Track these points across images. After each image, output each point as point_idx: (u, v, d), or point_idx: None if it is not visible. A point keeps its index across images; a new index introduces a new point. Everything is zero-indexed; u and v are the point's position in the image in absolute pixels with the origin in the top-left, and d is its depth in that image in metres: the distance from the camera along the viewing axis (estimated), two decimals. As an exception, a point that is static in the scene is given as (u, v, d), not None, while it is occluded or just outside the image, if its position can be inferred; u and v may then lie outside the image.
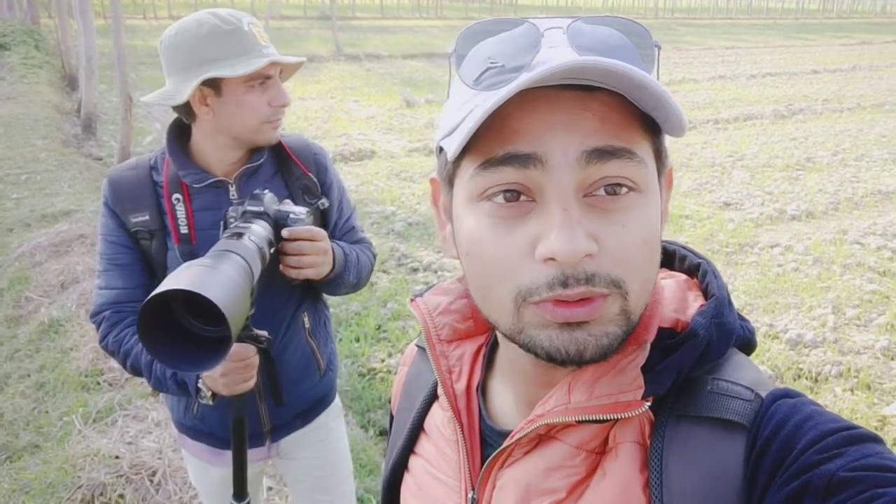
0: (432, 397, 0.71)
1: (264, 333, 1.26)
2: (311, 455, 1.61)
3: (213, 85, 1.30)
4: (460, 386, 0.65)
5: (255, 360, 1.27)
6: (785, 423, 0.48)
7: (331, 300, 1.62)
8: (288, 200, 1.34)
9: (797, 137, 8.95)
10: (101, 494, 2.33)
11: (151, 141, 7.95)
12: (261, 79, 1.32)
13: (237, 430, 1.32)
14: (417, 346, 0.78)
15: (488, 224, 0.50)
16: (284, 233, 1.25)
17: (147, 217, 1.36)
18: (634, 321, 0.51)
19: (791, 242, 5.27)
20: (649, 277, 0.51)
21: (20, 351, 3.51)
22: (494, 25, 0.52)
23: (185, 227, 1.35)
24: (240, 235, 1.13)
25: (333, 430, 1.64)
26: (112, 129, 8.62)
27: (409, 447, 0.71)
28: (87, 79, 7.97)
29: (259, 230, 1.19)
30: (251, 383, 1.28)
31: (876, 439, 0.47)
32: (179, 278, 0.88)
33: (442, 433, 0.66)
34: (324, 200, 1.41)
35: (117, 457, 2.49)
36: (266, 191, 1.29)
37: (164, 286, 0.87)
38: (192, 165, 1.37)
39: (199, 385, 1.30)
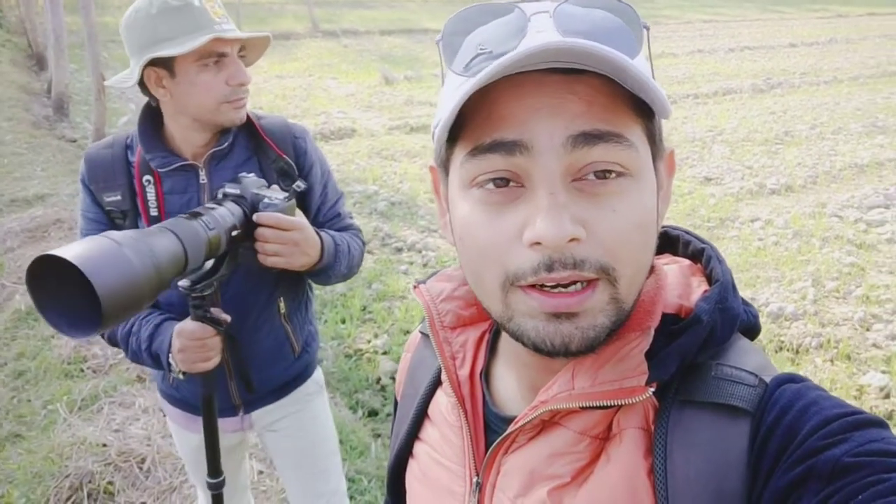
0: (436, 383, 0.71)
1: (224, 317, 1.27)
2: (289, 426, 1.62)
3: (167, 65, 1.27)
4: (464, 372, 0.65)
5: (214, 341, 1.27)
6: (789, 409, 0.48)
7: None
8: (275, 186, 1.31)
9: (776, 111, 9.02)
10: (90, 482, 2.31)
11: (126, 122, 7.77)
12: (213, 57, 1.28)
13: (206, 408, 1.33)
14: (421, 332, 0.78)
15: (479, 210, 0.50)
16: (254, 217, 1.23)
17: (119, 197, 1.36)
18: (626, 309, 0.51)
19: (771, 216, 5.34)
20: (642, 263, 0.51)
21: (-3, 339, 3.44)
22: (482, 10, 0.52)
23: (156, 210, 1.35)
24: (196, 215, 1.11)
25: (310, 403, 1.64)
26: (85, 109, 8.41)
27: (413, 433, 0.71)
28: (56, 58, 7.75)
29: (224, 212, 1.16)
30: (210, 364, 1.29)
31: (881, 424, 0.47)
32: (64, 247, 0.88)
33: (446, 419, 0.66)
34: (299, 183, 1.33)
35: (105, 444, 2.47)
36: (251, 174, 1.27)
37: (52, 251, 0.86)
38: (159, 148, 1.35)
39: (170, 360, 1.31)
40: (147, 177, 1.34)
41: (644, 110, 0.50)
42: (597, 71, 0.47)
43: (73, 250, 0.84)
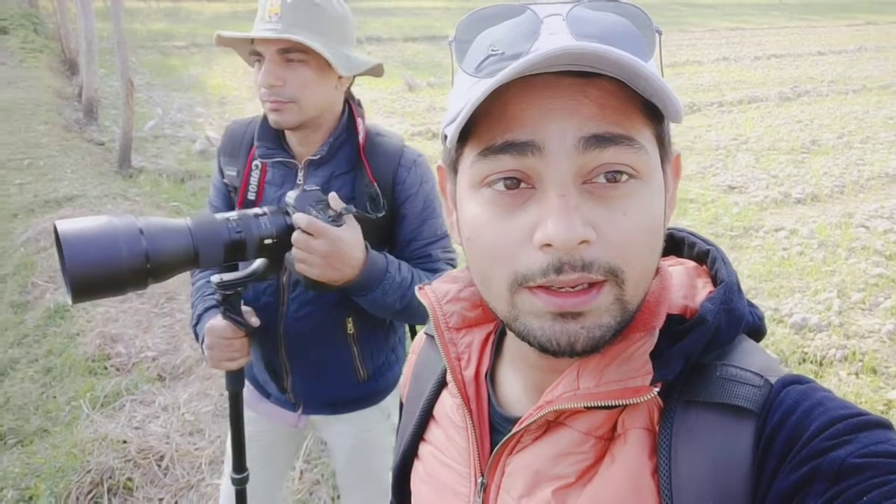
0: (441, 384, 0.71)
1: (254, 321, 1.29)
2: (344, 444, 1.59)
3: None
4: (469, 373, 0.66)
5: (240, 342, 1.28)
6: (794, 409, 0.48)
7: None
8: (334, 196, 1.22)
9: (802, 120, 8.89)
10: (110, 478, 2.35)
11: (153, 125, 7.92)
12: (255, 56, 1.29)
13: (232, 404, 1.34)
14: (426, 334, 0.79)
15: (488, 211, 0.51)
16: (293, 218, 1.20)
17: (234, 173, 1.41)
18: (631, 310, 0.51)
19: (796, 226, 5.25)
20: (649, 266, 0.51)
21: (28, 336, 3.52)
22: (495, 13, 0.52)
23: (253, 195, 1.37)
24: (227, 219, 1.13)
25: (370, 431, 1.57)
26: (114, 113, 8.59)
27: (418, 434, 0.72)
28: (87, 63, 7.92)
29: (264, 220, 1.16)
30: (236, 364, 1.29)
31: (886, 426, 0.47)
32: (74, 219, 0.98)
33: (451, 420, 0.67)
34: (350, 206, 1.22)
35: (125, 441, 2.51)
36: (315, 186, 1.23)
37: (59, 221, 0.96)
38: (270, 139, 1.36)
39: (203, 347, 1.33)
40: (257, 162, 1.38)
41: (654, 114, 0.51)
42: (610, 74, 0.47)
43: (69, 224, 0.94)
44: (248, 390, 1.55)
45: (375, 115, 9.29)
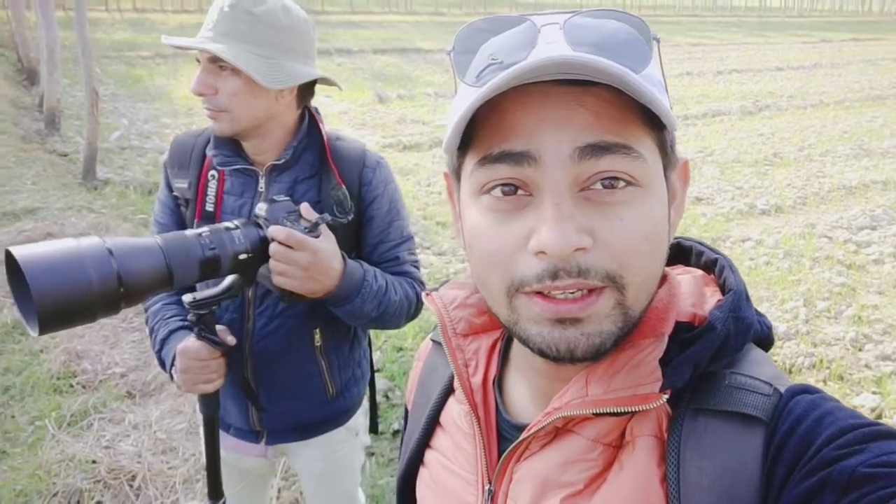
0: (448, 391, 0.71)
1: (230, 339, 1.23)
2: (312, 470, 1.56)
3: None
4: (476, 379, 0.65)
5: (216, 363, 1.23)
6: (804, 418, 0.48)
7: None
8: (306, 207, 1.22)
9: (764, 133, 9.14)
10: (79, 501, 2.27)
11: (118, 137, 7.75)
12: (199, 63, 1.28)
13: (207, 428, 1.29)
14: (433, 340, 0.78)
15: (487, 217, 0.51)
16: (269, 230, 1.18)
17: (186, 185, 1.36)
18: (633, 316, 0.51)
19: (762, 236, 5.38)
20: (651, 272, 0.51)
21: (-19, 354, 3.38)
22: (494, 23, 0.53)
23: (212, 206, 1.34)
24: (200, 233, 1.09)
25: (338, 453, 1.55)
26: (77, 124, 8.37)
27: (424, 441, 0.71)
28: (49, 72, 7.71)
29: (237, 234, 1.12)
30: (211, 386, 1.24)
31: None
32: (32, 244, 0.89)
33: (458, 427, 0.66)
34: (325, 215, 1.22)
35: (94, 461, 2.43)
36: (286, 197, 1.22)
37: (14, 247, 0.87)
38: (227, 147, 1.33)
39: (172, 373, 1.28)
40: (213, 172, 1.34)
41: (654, 122, 0.51)
42: (606, 82, 0.47)
43: (29, 249, 0.85)
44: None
45: (345, 127, 9.24)
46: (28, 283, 0.82)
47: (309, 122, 1.38)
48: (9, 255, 0.85)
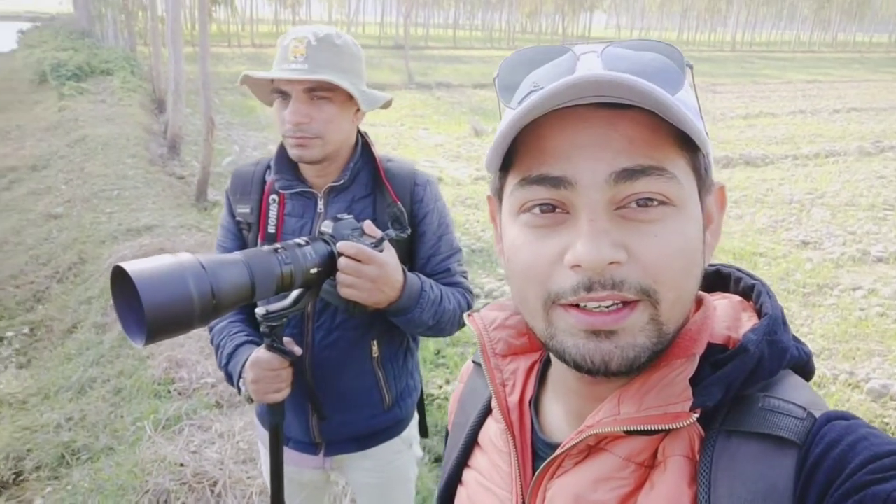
0: (486, 412, 0.72)
1: (296, 349, 1.29)
2: (368, 482, 1.60)
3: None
4: (513, 399, 0.67)
5: (285, 372, 1.29)
6: (838, 442, 0.47)
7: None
8: (370, 224, 1.30)
9: (885, 175, 8.50)
10: (166, 500, 2.41)
11: (230, 162, 8.34)
12: (279, 94, 1.35)
13: (273, 439, 1.34)
14: (474, 362, 0.80)
15: (526, 233, 0.53)
16: (338, 246, 1.25)
17: (248, 210, 1.45)
18: (668, 333, 0.51)
19: (876, 286, 4.98)
20: (686, 289, 0.52)
21: (103, 357, 3.71)
22: (537, 53, 0.56)
23: (273, 227, 1.42)
24: (276, 250, 1.15)
25: (393, 463, 1.59)
26: (195, 149, 9.11)
27: (463, 461, 0.73)
28: (174, 102, 8.48)
29: (308, 250, 1.19)
30: (280, 395, 1.30)
31: None
32: (137, 260, 0.95)
33: (495, 445, 0.67)
34: (390, 231, 1.32)
35: (182, 465, 2.58)
36: (349, 215, 1.29)
37: (124, 263, 0.93)
38: (288, 171, 1.43)
39: (240, 384, 1.34)
40: (274, 196, 1.43)
41: (689, 144, 0.52)
42: (638, 105, 0.49)
43: (137, 264, 0.92)
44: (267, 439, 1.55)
45: (440, 159, 9.47)
46: (140, 296, 0.89)
47: (362, 144, 1.49)
48: (118, 271, 0.92)
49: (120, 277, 0.92)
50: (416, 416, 1.64)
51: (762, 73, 22.22)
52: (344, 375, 1.46)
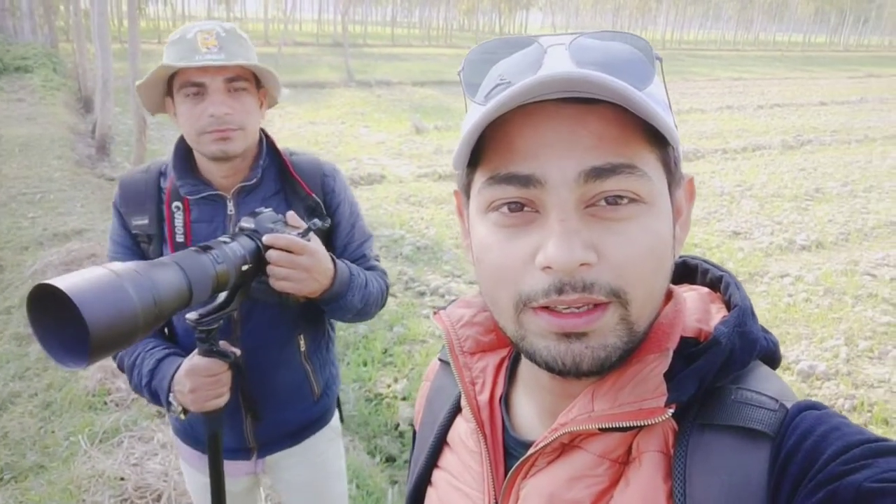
0: (455, 410, 0.71)
1: (234, 349, 1.25)
2: (301, 476, 1.58)
3: (172, 95, 1.32)
4: (483, 397, 0.66)
5: (226, 376, 1.25)
6: (810, 433, 0.48)
7: (339, 322, 1.58)
8: (293, 215, 1.29)
9: (806, 168, 8.97)
10: (105, 517, 2.30)
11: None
12: (192, 87, 1.29)
13: (212, 446, 1.29)
14: (440, 359, 0.78)
15: (495, 233, 0.52)
16: (265, 238, 1.21)
17: (146, 221, 1.37)
18: (638, 331, 0.51)
19: (801, 272, 5.25)
20: (655, 287, 0.52)
21: (29, 370, 3.51)
22: (503, 44, 0.54)
23: (182, 237, 1.35)
24: (206, 249, 1.10)
25: (325, 452, 1.60)
26: (126, 150, 8.74)
27: (432, 461, 0.71)
28: (102, 101, 8.10)
29: (235, 247, 1.15)
30: (221, 401, 1.26)
31: None
32: (65, 276, 0.86)
33: (465, 445, 0.66)
34: (315, 220, 1.30)
35: (122, 478, 2.47)
36: (268, 208, 1.27)
37: (51, 280, 0.84)
38: (190, 176, 1.37)
39: (171, 399, 1.27)
40: (176, 203, 1.36)
41: (658, 139, 0.51)
42: (607, 100, 0.48)
43: (70, 280, 0.83)
44: (196, 456, 1.51)
45: (382, 156, 9.41)
46: (81, 314, 0.81)
47: (266, 141, 1.46)
48: (42, 290, 0.83)
49: (43, 297, 0.83)
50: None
51: (691, 71, 23.07)
52: (276, 374, 1.45)
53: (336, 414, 1.63)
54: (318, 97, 14.76)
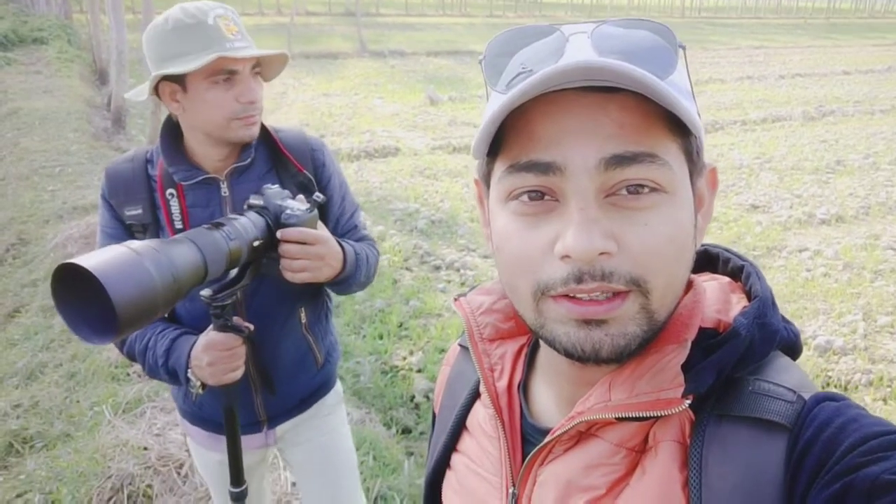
0: (475, 396, 0.72)
1: (247, 324, 1.28)
2: (311, 439, 1.62)
3: (180, 81, 1.29)
4: (502, 384, 0.66)
5: (241, 350, 1.28)
6: (828, 425, 0.48)
7: (350, 296, 1.62)
8: (301, 196, 1.31)
9: (827, 140, 8.79)
10: (130, 484, 2.37)
11: (179, 135, 8.04)
12: (223, 74, 1.29)
13: (228, 419, 1.34)
14: (460, 345, 0.79)
15: (515, 221, 0.52)
16: (278, 234, 1.23)
17: (140, 211, 1.37)
18: (658, 320, 0.51)
19: (820, 247, 5.19)
20: (676, 276, 0.52)
21: (54, 341, 3.59)
22: (524, 33, 0.54)
23: (180, 223, 1.36)
24: (218, 226, 1.12)
25: (331, 413, 1.65)
26: (140, 122, 8.76)
27: (451, 445, 0.72)
28: (117, 73, 8.10)
29: (246, 223, 1.17)
30: (238, 373, 1.30)
31: None
32: (86, 255, 0.89)
33: (484, 430, 0.67)
34: (318, 194, 1.32)
35: (146, 448, 2.53)
36: (274, 186, 1.28)
37: (74, 259, 0.87)
38: (182, 162, 1.37)
39: (189, 375, 1.31)
40: (170, 190, 1.36)
41: (680, 128, 0.51)
42: (628, 88, 0.47)
43: (93, 259, 0.86)
44: (205, 436, 1.55)
45: (396, 129, 9.36)
46: (107, 292, 0.84)
47: None
48: (66, 269, 0.85)
49: (67, 276, 0.85)
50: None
51: (711, 39, 22.57)
52: (281, 347, 1.49)
53: (337, 380, 1.69)
54: (331, 68, 14.64)
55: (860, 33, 26.60)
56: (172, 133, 1.39)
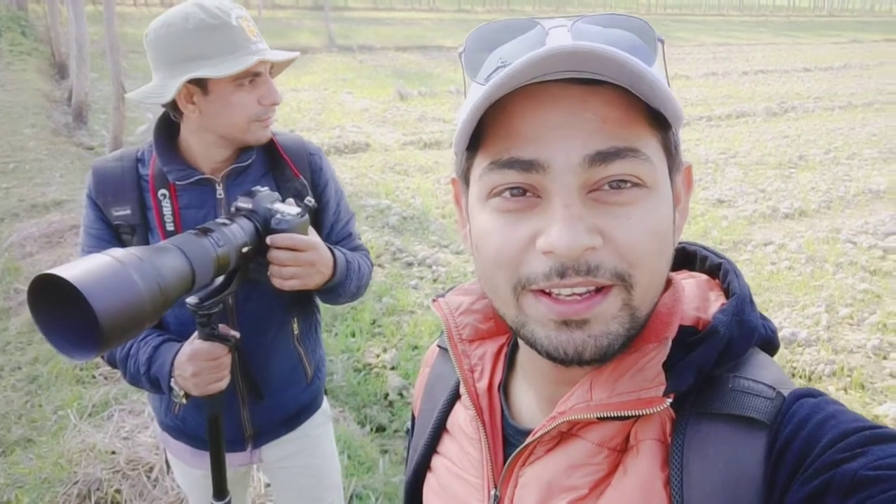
0: (454, 397, 0.71)
1: (233, 333, 1.24)
2: (297, 464, 1.58)
3: (200, 83, 1.25)
4: (482, 385, 0.66)
5: (227, 359, 1.24)
6: (807, 422, 0.48)
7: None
8: (291, 199, 1.29)
9: (789, 135, 9.00)
10: (98, 489, 2.31)
11: (144, 130, 7.86)
12: (249, 76, 1.27)
13: (212, 428, 1.29)
14: (439, 346, 0.79)
15: (496, 218, 0.52)
16: (268, 240, 1.20)
17: (129, 211, 1.32)
18: (640, 318, 0.51)
19: (784, 240, 5.31)
20: (658, 271, 0.52)
21: (10, 344, 3.47)
22: (504, 27, 0.54)
23: (172, 225, 1.31)
24: (205, 232, 1.08)
25: (319, 437, 1.60)
26: (103, 118, 8.53)
27: (431, 447, 0.72)
28: (77, 67, 7.87)
29: (235, 229, 1.14)
30: (223, 384, 1.25)
31: None
32: (66, 265, 0.84)
33: (465, 432, 0.67)
34: (310, 198, 1.29)
35: (113, 452, 2.47)
36: (264, 188, 1.25)
37: (54, 269, 0.82)
38: (177, 161, 1.33)
39: (172, 384, 1.26)
40: (163, 191, 1.32)
41: (660, 122, 0.51)
42: (611, 81, 0.47)
43: (74, 269, 0.81)
44: (188, 452, 1.50)
45: (366, 124, 9.29)
46: (90, 304, 0.79)
47: None
48: (44, 280, 0.80)
49: (46, 287, 0.80)
50: None
51: (676, 36, 22.90)
52: (272, 358, 1.44)
53: (325, 398, 1.64)
54: (299, 63, 14.39)
55: (819, 31, 27.30)
56: (167, 132, 1.35)
